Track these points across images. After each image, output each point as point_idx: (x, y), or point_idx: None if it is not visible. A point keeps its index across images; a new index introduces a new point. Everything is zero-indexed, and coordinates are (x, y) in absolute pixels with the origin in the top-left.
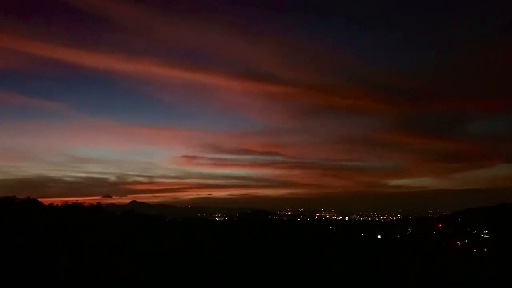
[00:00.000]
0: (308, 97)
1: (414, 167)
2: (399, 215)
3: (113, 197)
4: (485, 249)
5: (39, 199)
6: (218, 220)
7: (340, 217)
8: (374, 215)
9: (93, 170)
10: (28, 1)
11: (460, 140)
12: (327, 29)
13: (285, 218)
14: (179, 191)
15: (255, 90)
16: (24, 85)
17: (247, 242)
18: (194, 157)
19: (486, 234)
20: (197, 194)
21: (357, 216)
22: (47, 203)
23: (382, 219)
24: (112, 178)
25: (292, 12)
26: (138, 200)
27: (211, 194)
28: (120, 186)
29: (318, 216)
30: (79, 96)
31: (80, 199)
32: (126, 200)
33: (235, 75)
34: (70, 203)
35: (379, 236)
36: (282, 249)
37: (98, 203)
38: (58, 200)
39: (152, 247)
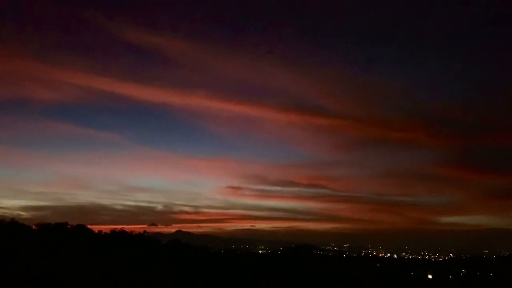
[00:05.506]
0: (356, 129)
1: (468, 203)
2: (451, 255)
3: (159, 226)
4: None
5: (89, 226)
6: (261, 253)
7: (388, 255)
8: (424, 253)
9: (142, 199)
10: (89, 39)
11: None
12: (376, 60)
13: (330, 254)
14: (223, 222)
15: (302, 122)
16: (82, 117)
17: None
18: (239, 188)
19: None
20: (241, 226)
21: (406, 254)
22: (96, 230)
23: (433, 258)
24: (159, 207)
25: (340, 45)
26: (183, 230)
27: (254, 225)
28: (166, 215)
29: (364, 252)
30: (133, 128)
31: (127, 227)
32: (171, 229)
33: (282, 107)
34: (117, 230)
35: (430, 276)
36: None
37: (145, 231)
38: (106, 228)
39: (198, 278)
